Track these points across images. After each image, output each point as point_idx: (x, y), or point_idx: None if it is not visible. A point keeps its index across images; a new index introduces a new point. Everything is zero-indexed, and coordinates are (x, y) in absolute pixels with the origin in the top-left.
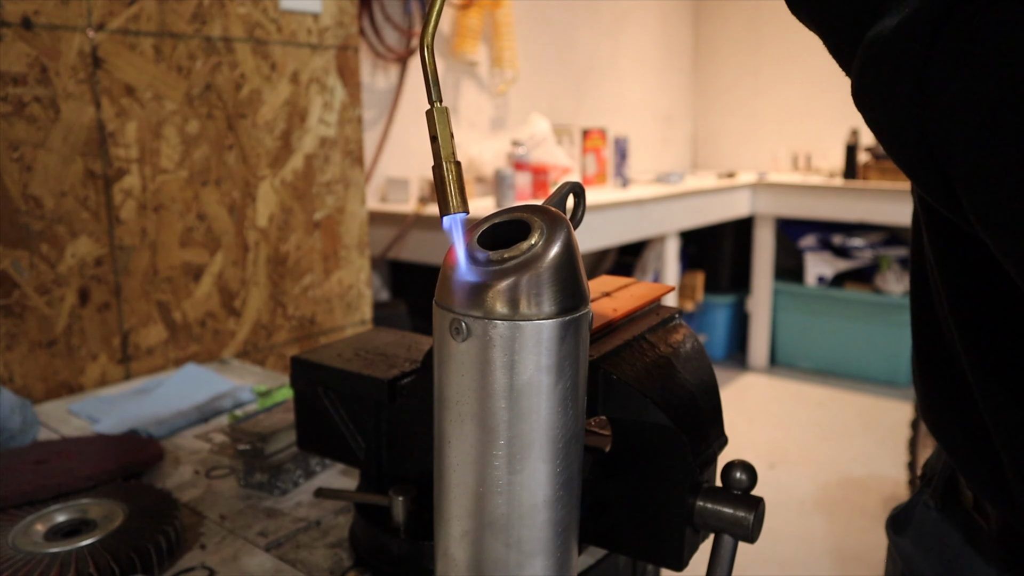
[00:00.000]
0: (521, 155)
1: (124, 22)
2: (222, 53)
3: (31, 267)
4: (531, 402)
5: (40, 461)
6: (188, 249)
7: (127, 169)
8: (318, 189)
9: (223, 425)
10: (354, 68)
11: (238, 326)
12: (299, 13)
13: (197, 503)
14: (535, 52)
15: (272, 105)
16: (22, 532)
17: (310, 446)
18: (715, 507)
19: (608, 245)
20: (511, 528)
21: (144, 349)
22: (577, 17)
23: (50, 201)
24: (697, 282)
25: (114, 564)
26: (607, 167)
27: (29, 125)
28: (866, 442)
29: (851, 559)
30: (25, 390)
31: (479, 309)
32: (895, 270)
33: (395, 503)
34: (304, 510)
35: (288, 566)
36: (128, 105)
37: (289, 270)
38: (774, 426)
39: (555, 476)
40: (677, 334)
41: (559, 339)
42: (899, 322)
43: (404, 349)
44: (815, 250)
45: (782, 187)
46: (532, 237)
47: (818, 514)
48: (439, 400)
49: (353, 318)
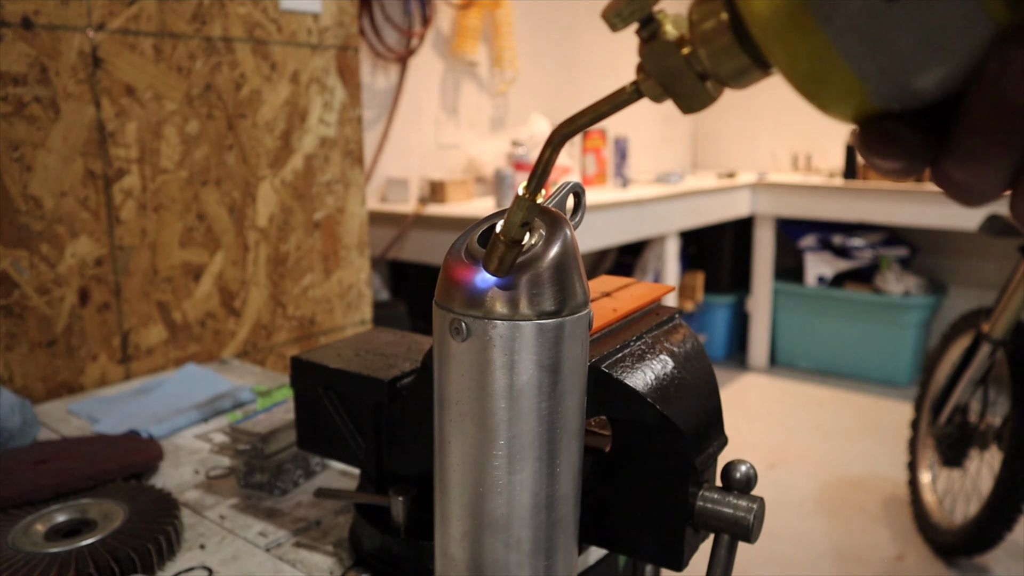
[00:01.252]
0: (521, 155)
1: (124, 22)
2: (222, 53)
3: (31, 267)
4: (531, 402)
5: (40, 461)
6: (188, 249)
7: (127, 169)
8: (318, 189)
9: (223, 425)
10: (354, 68)
11: (238, 326)
12: (299, 13)
13: (197, 503)
14: (535, 52)
15: (272, 105)
16: (22, 532)
17: (310, 446)
18: (715, 507)
19: (608, 245)
20: (511, 528)
21: (144, 349)
22: (577, 17)
23: (50, 201)
24: (697, 282)
25: (114, 564)
26: (607, 167)
27: (29, 125)
28: (866, 442)
29: (851, 559)
30: (25, 390)
31: (479, 309)
32: (895, 270)
33: (395, 503)
34: (304, 510)
35: (288, 566)
36: (128, 105)
37: (289, 270)
38: (774, 426)
39: (555, 476)
40: (677, 334)
41: (559, 339)
42: (899, 322)
43: (404, 349)
44: (815, 250)
45: (782, 187)
46: (532, 237)
47: (818, 514)
48: (439, 400)
49: (353, 318)
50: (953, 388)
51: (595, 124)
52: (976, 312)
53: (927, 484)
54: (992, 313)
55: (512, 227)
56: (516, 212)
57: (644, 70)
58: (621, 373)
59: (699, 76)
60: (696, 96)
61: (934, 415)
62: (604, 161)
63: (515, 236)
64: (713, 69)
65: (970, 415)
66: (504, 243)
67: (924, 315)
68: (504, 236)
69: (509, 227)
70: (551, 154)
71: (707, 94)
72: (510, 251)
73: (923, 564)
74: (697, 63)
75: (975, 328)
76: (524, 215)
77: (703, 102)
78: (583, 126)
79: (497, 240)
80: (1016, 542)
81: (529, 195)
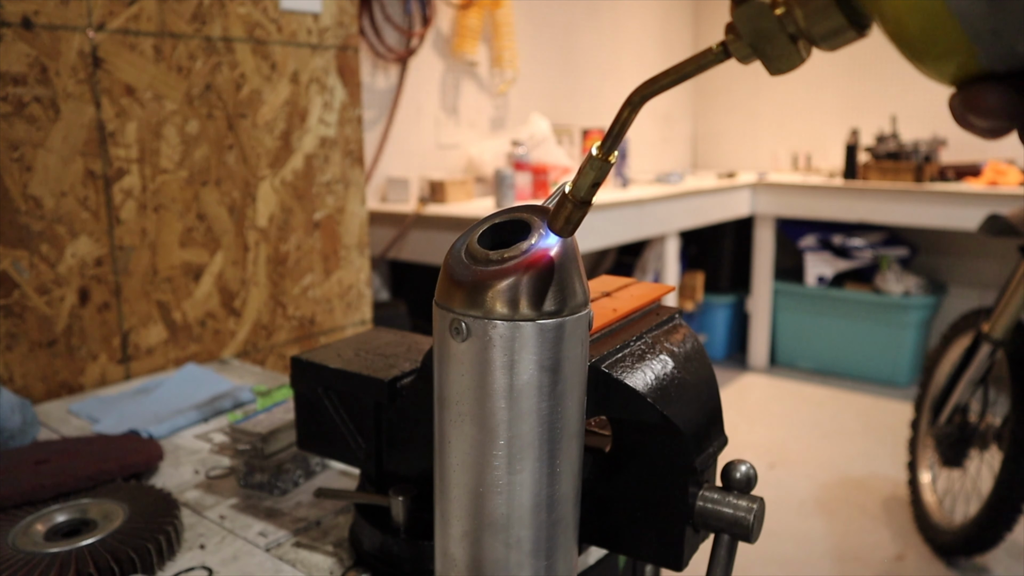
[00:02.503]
0: (521, 155)
1: (124, 22)
2: (222, 53)
3: (31, 267)
4: (531, 402)
5: (40, 461)
6: (188, 249)
7: (127, 169)
8: (318, 189)
9: (223, 425)
10: (354, 68)
11: (238, 326)
12: (299, 13)
13: (197, 503)
14: (535, 52)
15: (272, 105)
16: (22, 532)
17: (310, 446)
18: (715, 507)
19: (608, 245)
20: (511, 528)
21: (144, 349)
22: (577, 17)
23: (50, 201)
24: (697, 282)
25: (114, 564)
26: None
27: (29, 125)
28: (866, 442)
29: (851, 559)
30: (25, 390)
31: (479, 309)
32: (895, 270)
33: (395, 503)
34: (304, 510)
35: (288, 566)
36: (128, 105)
37: (289, 270)
38: (774, 426)
39: (555, 476)
40: (677, 334)
41: (559, 339)
42: (899, 322)
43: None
44: (815, 250)
45: (782, 187)
46: (532, 237)
47: (818, 514)
48: (439, 400)
49: (353, 318)
50: (953, 388)
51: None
52: (976, 312)
53: (927, 484)
54: (992, 313)
55: (582, 188)
56: (588, 172)
57: (734, 31)
58: (621, 373)
59: (791, 37)
60: (786, 57)
61: (934, 415)
62: None
63: (584, 197)
64: (808, 29)
65: (970, 415)
66: (572, 203)
67: (924, 315)
68: (573, 196)
69: (579, 187)
70: (629, 114)
71: (797, 55)
72: (578, 211)
73: (923, 564)
74: (791, 24)
75: (975, 328)
76: (596, 175)
77: (792, 63)
78: (665, 87)
79: (565, 200)
80: (1016, 542)
81: (603, 155)
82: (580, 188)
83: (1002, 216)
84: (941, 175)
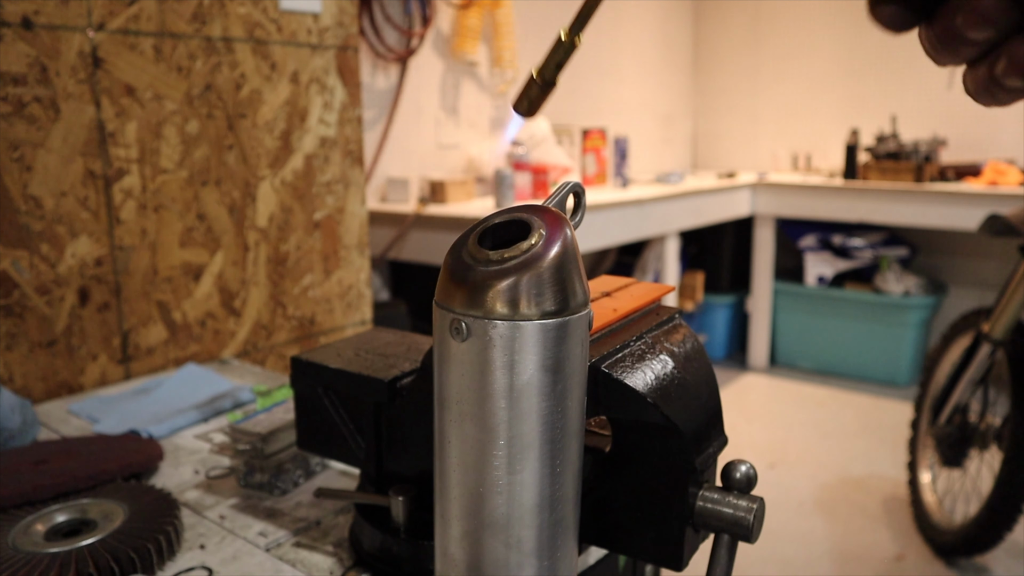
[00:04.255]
0: (521, 155)
1: (124, 22)
2: (222, 53)
3: (31, 267)
4: (531, 402)
5: (40, 461)
6: (188, 249)
7: (127, 169)
8: (318, 189)
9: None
10: (354, 68)
11: (238, 326)
12: (299, 13)
13: (197, 503)
14: (535, 52)
15: (272, 105)
16: (22, 532)
17: (310, 446)
18: (715, 507)
19: (608, 245)
20: (511, 528)
21: (144, 349)
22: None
23: (50, 201)
24: (697, 282)
25: (114, 564)
26: (607, 167)
27: (29, 125)
28: (866, 442)
29: (851, 559)
30: (25, 390)
31: (479, 309)
32: (895, 270)
33: (395, 503)
34: (304, 510)
35: (288, 566)
36: (128, 105)
37: (289, 270)
38: (774, 426)
39: (555, 476)
40: (677, 334)
41: (559, 339)
42: (899, 322)
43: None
44: (815, 250)
45: (782, 187)
46: (532, 237)
47: (818, 514)
48: (439, 400)
49: (353, 318)
50: (953, 388)
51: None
52: (976, 312)
53: (927, 484)
54: (992, 313)
55: (548, 68)
56: (555, 54)
57: None
58: (621, 373)
59: None
60: None
61: (934, 415)
62: (604, 161)
63: (549, 78)
64: None
65: (970, 415)
66: (538, 84)
67: (924, 315)
68: (539, 78)
69: (545, 68)
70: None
71: None
72: (543, 93)
73: (923, 564)
74: None
75: (975, 328)
76: (561, 57)
77: None
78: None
79: (532, 82)
80: (1016, 542)
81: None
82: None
83: (1002, 216)
84: (941, 175)
